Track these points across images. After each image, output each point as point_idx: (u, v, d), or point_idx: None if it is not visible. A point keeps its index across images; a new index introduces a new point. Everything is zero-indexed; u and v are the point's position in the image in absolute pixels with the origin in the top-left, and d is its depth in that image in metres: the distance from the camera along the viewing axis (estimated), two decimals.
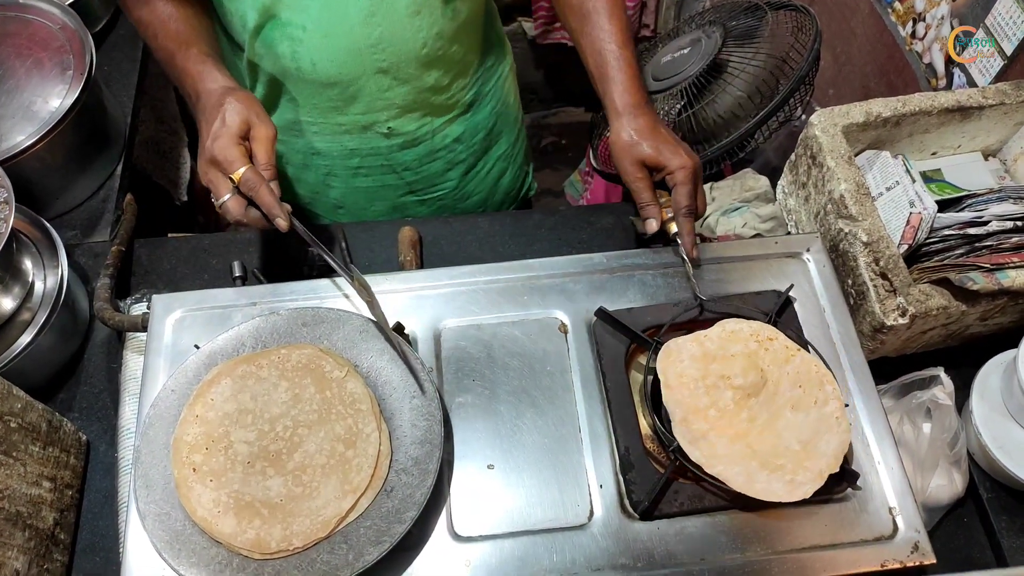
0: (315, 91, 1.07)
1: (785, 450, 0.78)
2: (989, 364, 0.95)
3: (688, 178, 0.92)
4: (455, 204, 1.32)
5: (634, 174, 0.94)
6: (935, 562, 0.78)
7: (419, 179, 1.24)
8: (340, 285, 0.96)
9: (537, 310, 0.94)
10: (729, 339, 0.85)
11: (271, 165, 0.89)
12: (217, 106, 0.89)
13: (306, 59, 1.02)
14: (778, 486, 0.76)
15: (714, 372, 0.83)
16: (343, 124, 1.12)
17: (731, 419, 0.81)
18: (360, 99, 1.08)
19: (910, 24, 1.35)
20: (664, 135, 0.94)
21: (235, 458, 0.80)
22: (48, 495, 0.89)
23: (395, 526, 0.76)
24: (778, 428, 0.80)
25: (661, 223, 0.94)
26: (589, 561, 0.78)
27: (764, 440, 0.79)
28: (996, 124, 1.05)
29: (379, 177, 1.22)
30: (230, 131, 0.87)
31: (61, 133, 1.12)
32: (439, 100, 1.14)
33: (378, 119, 1.12)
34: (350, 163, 1.19)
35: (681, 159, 0.92)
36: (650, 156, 0.93)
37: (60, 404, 1.03)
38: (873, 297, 0.92)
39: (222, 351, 0.87)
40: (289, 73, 1.05)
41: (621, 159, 0.95)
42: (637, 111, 0.95)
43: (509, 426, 0.86)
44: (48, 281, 1.04)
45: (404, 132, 1.15)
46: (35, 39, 1.19)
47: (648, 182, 0.95)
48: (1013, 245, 0.89)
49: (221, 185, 0.88)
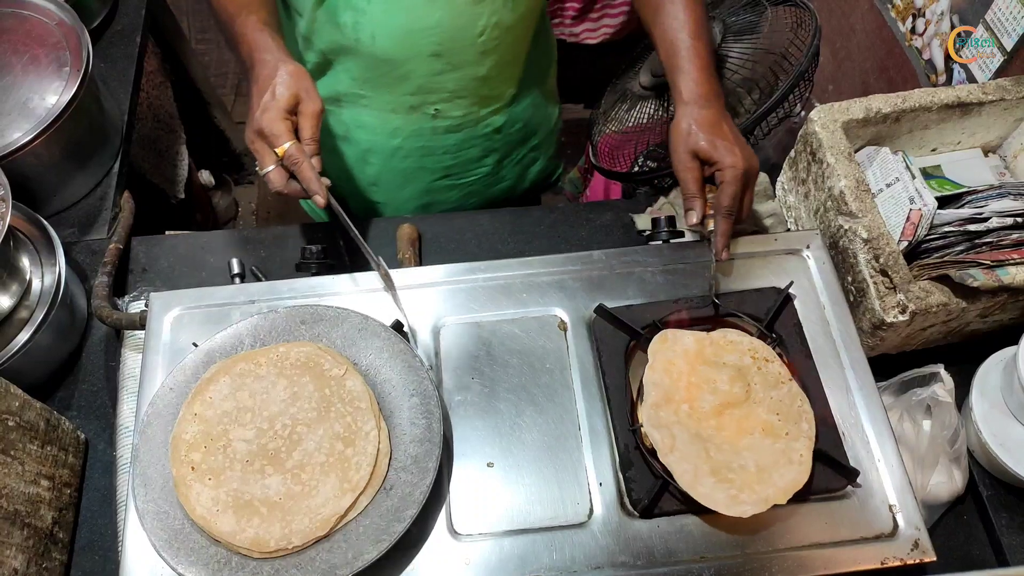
0: (369, 66, 1.08)
1: (740, 467, 0.78)
2: (989, 361, 0.95)
3: (735, 179, 0.89)
4: (485, 189, 1.33)
5: (685, 164, 0.93)
6: (935, 559, 0.78)
7: (456, 164, 1.25)
8: (339, 283, 0.95)
9: (536, 307, 0.93)
10: (727, 347, 0.85)
11: (315, 140, 0.92)
12: (269, 78, 0.90)
13: (366, 31, 1.03)
14: (720, 496, 0.76)
15: (701, 373, 0.83)
16: (391, 102, 1.13)
17: (701, 420, 0.81)
18: (411, 79, 1.09)
19: (910, 20, 1.35)
20: (724, 131, 0.92)
21: (234, 456, 0.79)
22: (46, 494, 0.89)
23: (394, 524, 0.75)
24: (741, 445, 0.80)
25: (703, 218, 0.92)
26: (589, 559, 0.78)
27: (723, 451, 0.79)
28: (996, 120, 1.05)
29: (417, 159, 1.23)
30: (279, 105, 0.89)
31: (58, 130, 1.12)
32: (486, 90, 1.15)
33: (426, 100, 1.13)
34: (392, 142, 1.20)
35: (733, 158, 0.90)
36: (703, 149, 0.91)
37: (58, 402, 1.03)
38: (873, 294, 0.91)
39: (220, 349, 0.87)
40: (346, 45, 1.06)
41: (676, 148, 0.94)
42: (703, 102, 0.93)
43: (508, 424, 0.86)
44: (46, 279, 1.03)
45: (450, 117, 1.16)
46: (31, 35, 1.19)
47: (697, 174, 0.92)
48: (1013, 242, 0.89)
49: (266, 156, 0.91)
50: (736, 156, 0.90)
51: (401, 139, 1.19)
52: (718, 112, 0.93)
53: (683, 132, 0.92)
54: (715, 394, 0.82)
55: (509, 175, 1.34)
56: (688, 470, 0.77)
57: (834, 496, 0.81)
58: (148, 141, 1.62)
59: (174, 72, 1.83)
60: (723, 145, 0.91)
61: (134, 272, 1.15)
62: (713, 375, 0.83)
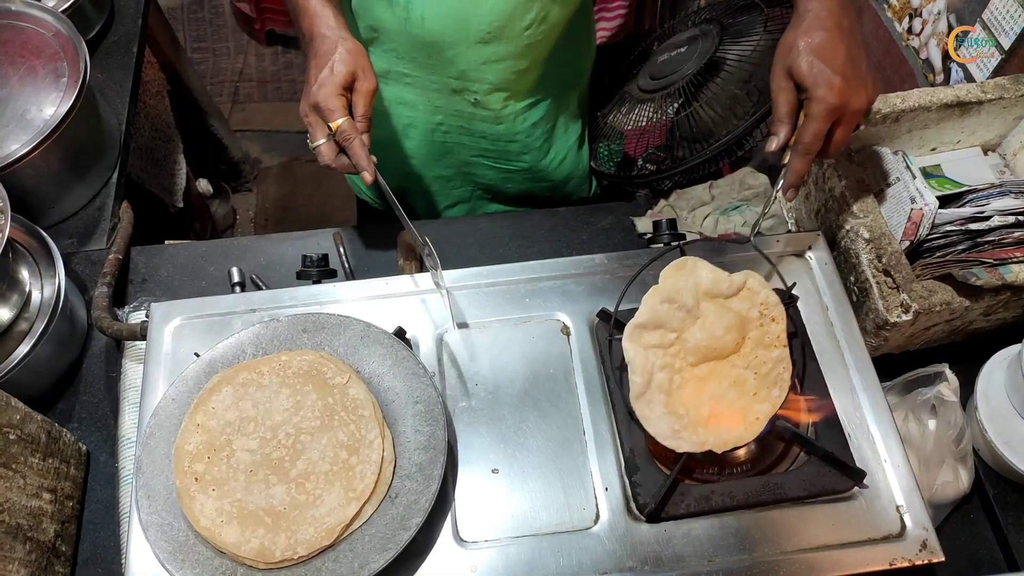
0: (415, 46, 1.09)
1: (695, 408, 0.79)
2: (993, 359, 0.94)
3: (822, 114, 0.78)
4: (524, 181, 1.33)
5: (778, 83, 0.82)
6: (944, 560, 0.77)
7: (494, 150, 1.26)
8: (341, 290, 0.95)
9: (539, 312, 0.93)
10: (742, 294, 0.84)
11: (367, 118, 0.93)
12: (328, 53, 0.91)
13: (417, 11, 1.04)
14: (663, 425, 0.78)
15: (704, 310, 0.82)
16: (435, 82, 1.14)
17: (679, 356, 0.81)
18: (456, 64, 1.10)
19: (906, 20, 1.35)
20: (833, 55, 0.78)
21: (237, 466, 0.79)
22: (48, 507, 0.88)
23: (400, 533, 0.75)
24: (707, 390, 0.80)
25: (783, 147, 0.83)
26: (596, 565, 0.78)
27: (686, 387, 0.80)
28: (995, 119, 1.05)
29: (457, 136, 1.24)
30: (335, 81, 0.90)
31: (56, 141, 1.11)
32: (525, 85, 1.16)
33: (468, 87, 1.14)
34: (433, 119, 1.21)
35: (827, 89, 0.78)
36: (799, 70, 0.79)
37: (59, 414, 1.03)
38: (876, 294, 0.91)
39: (222, 358, 0.87)
40: (395, 23, 1.07)
41: (776, 62, 0.83)
42: (822, 19, 0.80)
43: (513, 430, 0.85)
44: (45, 290, 1.03)
45: (489, 108, 1.17)
46: (28, 47, 1.19)
47: (789, 95, 0.81)
48: (1015, 240, 0.89)
49: (318, 130, 0.91)
50: (832, 87, 0.77)
51: (442, 117, 1.20)
52: (836, 31, 0.79)
53: (786, 45, 0.81)
54: (706, 336, 0.81)
55: (554, 175, 1.34)
56: (642, 383, 0.78)
57: (841, 497, 0.80)
58: (146, 151, 1.61)
59: (171, 81, 1.83)
60: (822, 71, 0.78)
61: (134, 282, 1.14)
62: (714, 317, 0.81)
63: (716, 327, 0.82)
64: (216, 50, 2.93)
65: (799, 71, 0.79)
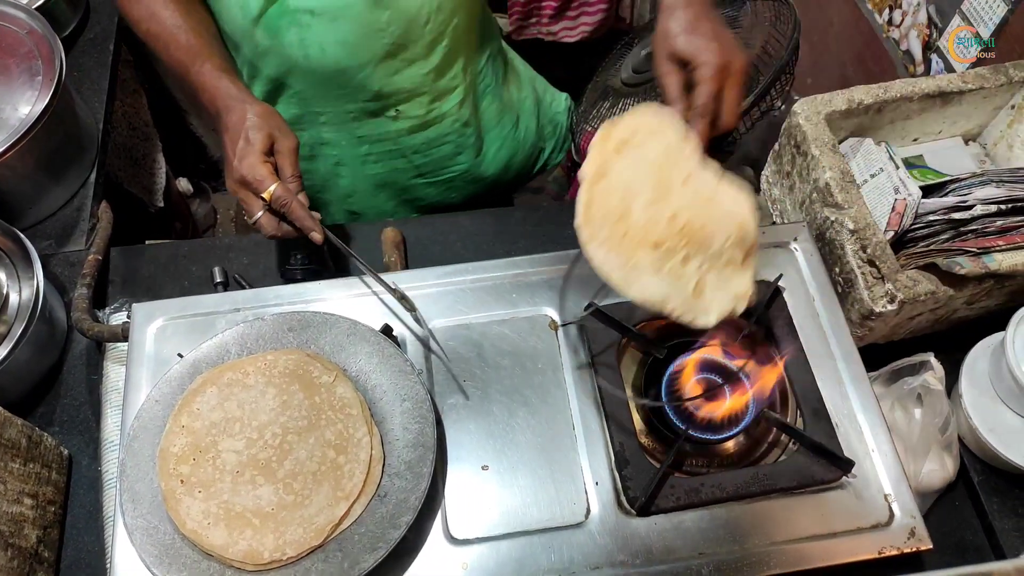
0: (322, 81, 1.07)
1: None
2: (977, 348, 0.95)
3: (710, 75, 0.81)
4: (465, 185, 1.31)
5: (662, 68, 0.85)
6: (932, 547, 0.78)
7: (428, 162, 1.24)
8: (326, 288, 0.94)
9: (526, 307, 0.93)
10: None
11: (297, 177, 0.91)
12: (240, 123, 0.90)
13: (315, 45, 1.01)
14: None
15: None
16: (351, 111, 1.12)
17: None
18: (368, 86, 1.08)
19: (886, 11, 1.36)
20: (703, 28, 0.83)
21: (224, 468, 0.78)
22: (30, 512, 0.87)
23: (390, 531, 0.74)
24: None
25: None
26: (587, 559, 0.77)
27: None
28: (976, 109, 1.06)
29: (388, 163, 1.21)
30: (255, 149, 0.88)
31: (32, 141, 1.09)
32: (442, 82, 1.14)
33: (386, 104, 1.12)
34: (359, 151, 1.18)
35: (709, 54, 0.81)
36: (680, 49, 0.83)
37: (40, 418, 1.01)
38: (861, 284, 0.92)
39: (206, 359, 0.85)
40: (296, 63, 1.05)
41: (656, 51, 0.86)
42: (684, 3, 0.85)
43: (502, 426, 0.85)
44: (23, 293, 1.01)
45: (413, 116, 1.15)
46: (1, 45, 1.16)
47: (677, 77, 0.84)
48: (998, 228, 0.90)
49: (253, 204, 0.90)
50: (712, 52, 0.82)
51: (368, 145, 1.18)
52: (699, 10, 0.86)
53: (660, 36, 0.86)
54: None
55: (489, 170, 1.32)
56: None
57: (829, 487, 0.81)
58: (124, 150, 1.59)
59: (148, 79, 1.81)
60: (700, 42, 0.83)
61: (114, 283, 1.12)
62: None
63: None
64: None
65: (679, 50, 0.83)
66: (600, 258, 0.74)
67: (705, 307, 0.76)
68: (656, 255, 0.75)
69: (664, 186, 0.77)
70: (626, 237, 0.75)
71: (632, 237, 0.75)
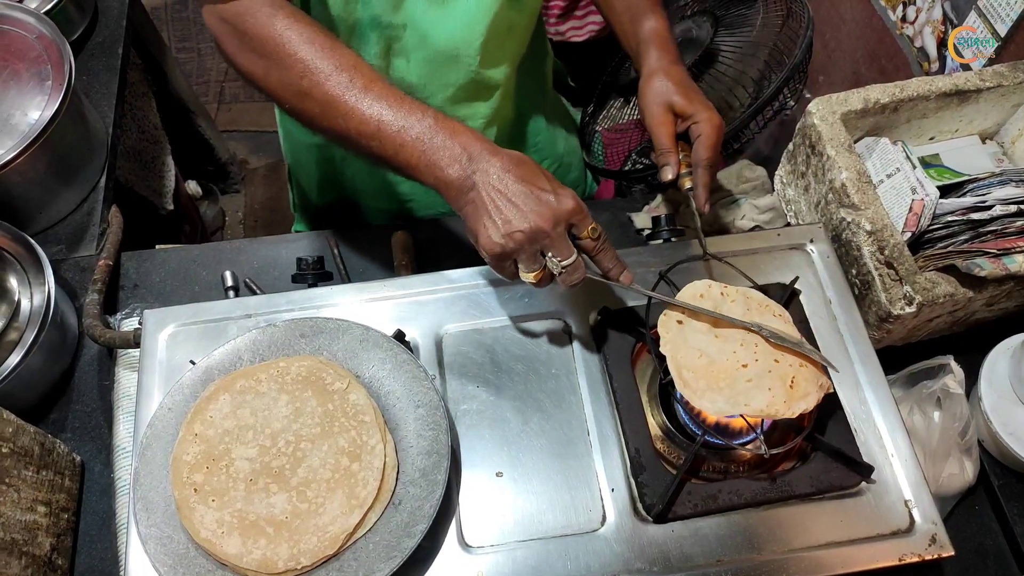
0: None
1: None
2: (996, 350, 0.94)
3: (714, 131, 0.91)
4: None
5: (658, 118, 0.93)
6: (953, 554, 0.77)
7: None
8: (337, 293, 0.93)
9: (539, 312, 0.92)
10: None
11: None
12: (517, 159, 0.74)
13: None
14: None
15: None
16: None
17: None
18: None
19: (900, 8, 1.34)
20: (696, 90, 0.95)
21: (237, 476, 0.78)
22: (43, 520, 0.87)
23: (405, 540, 0.74)
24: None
25: (677, 174, 0.93)
26: (603, 567, 0.77)
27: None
28: (993, 107, 1.04)
29: None
30: (551, 178, 0.76)
31: (42, 146, 1.09)
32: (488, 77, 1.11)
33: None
34: None
35: (710, 112, 0.92)
36: (679, 103, 0.93)
37: (52, 425, 1.01)
38: (879, 286, 0.91)
39: (219, 366, 0.85)
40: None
41: (651, 103, 0.94)
42: (673, 60, 0.96)
43: (516, 432, 0.84)
44: (34, 299, 1.01)
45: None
46: (11, 50, 1.16)
47: (671, 128, 0.94)
48: (1018, 229, 0.88)
49: (565, 248, 0.75)
50: (712, 110, 0.92)
51: None
52: (684, 75, 0.96)
53: (656, 87, 0.94)
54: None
55: None
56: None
57: (849, 493, 0.80)
58: (134, 153, 1.59)
59: (156, 82, 1.81)
60: (698, 99, 0.93)
61: (125, 288, 1.12)
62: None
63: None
64: (201, 50, 2.90)
65: (679, 104, 0.92)
66: (709, 406, 0.77)
67: (803, 394, 0.77)
68: (748, 373, 0.78)
69: (725, 324, 0.82)
70: (716, 375, 0.78)
71: (721, 371, 0.79)
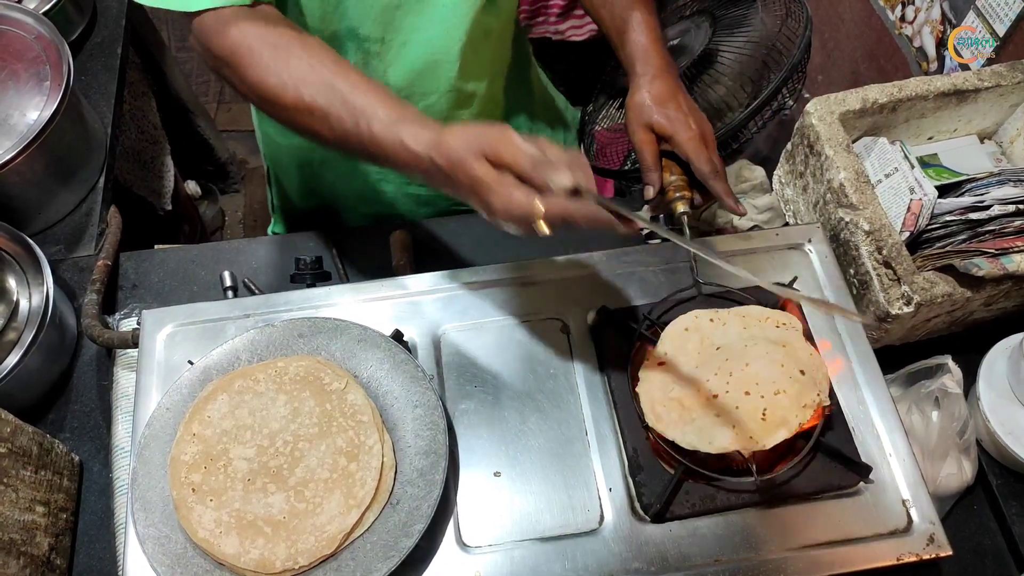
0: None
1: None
2: (995, 349, 0.94)
3: (699, 146, 0.88)
4: None
5: (640, 136, 0.91)
6: (951, 553, 0.77)
7: None
8: (336, 293, 0.93)
9: (537, 311, 0.92)
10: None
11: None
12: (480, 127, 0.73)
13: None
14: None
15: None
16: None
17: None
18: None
19: (899, 7, 1.34)
20: (678, 103, 0.91)
21: (235, 476, 0.78)
22: (42, 520, 0.87)
23: (403, 540, 0.74)
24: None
25: (659, 191, 0.91)
26: (601, 567, 0.77)
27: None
28: (992, 107, 1.04)
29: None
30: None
31: (40, 146, 1.09)
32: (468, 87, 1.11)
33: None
34: None
35: (688, 131, 0.88)
36: (658, 123, 0.90)
37: (50, 425, 1.01)
38: (877, 286, 0.91)
39: (217, 366, 0.85)
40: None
41: (631, 120, 0.93)
42: (657, 74, 0.93)
43: (514, 431, 0.84)
44: (33, 299, 1.01)
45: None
46: (10, 50, 1.16)
47: (653, 147, 0.91)
48: (1016, 229, 0.88)
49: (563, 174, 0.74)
50: (690, 127, 0.89)
51: None
52: (672, 84, 0.93)
53: (638, 106, 0.92)
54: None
55: None
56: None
57: (847, 493, 0.80)
58: (133, 153, 1.59)
59: (156, 82, 1.81)
60: (677, 117, 0.90)
61: (124, 288, 1.12)
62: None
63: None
64: None
65: (659, 124, 0.90)
66: (680, 438, 0.78)
67: (779, 423, 0.77)
68: (716, 406, 0.79)
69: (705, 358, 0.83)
70: (685, 408, 0.80)
71: (690, 405, 0.80)
